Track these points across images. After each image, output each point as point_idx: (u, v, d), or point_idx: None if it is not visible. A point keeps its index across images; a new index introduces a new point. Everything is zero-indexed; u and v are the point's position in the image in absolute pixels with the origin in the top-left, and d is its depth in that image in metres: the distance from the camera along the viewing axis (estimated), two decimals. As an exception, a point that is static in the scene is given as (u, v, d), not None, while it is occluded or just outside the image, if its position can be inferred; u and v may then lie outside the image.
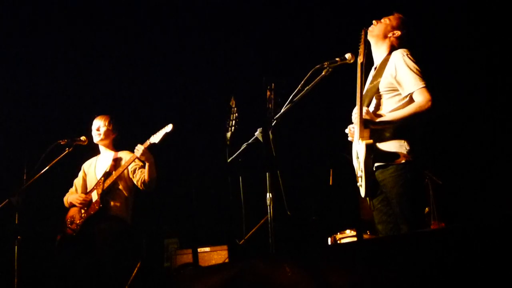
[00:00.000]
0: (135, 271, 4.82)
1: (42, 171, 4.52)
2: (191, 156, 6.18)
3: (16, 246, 4.31)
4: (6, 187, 4.75)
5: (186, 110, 6.30)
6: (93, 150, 4.74)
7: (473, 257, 1.93)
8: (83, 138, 4.61)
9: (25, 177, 4.52)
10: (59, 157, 4.59)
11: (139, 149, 4.29)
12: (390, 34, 3.33)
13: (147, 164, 4.35)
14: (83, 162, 4.78)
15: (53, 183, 4.97)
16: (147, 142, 4.32)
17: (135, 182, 4.46)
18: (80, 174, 4.72)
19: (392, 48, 3.33)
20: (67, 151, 4.60)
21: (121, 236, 4.35)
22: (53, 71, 6.15)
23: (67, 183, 4.78)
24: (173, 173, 5.93)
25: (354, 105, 3.23)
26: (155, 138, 4.31)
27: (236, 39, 6.13)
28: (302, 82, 3.31)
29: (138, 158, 4.36)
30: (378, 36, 3.35)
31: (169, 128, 4.26)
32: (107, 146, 4.63)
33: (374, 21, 3.39)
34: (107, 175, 4.43)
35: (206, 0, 6.13)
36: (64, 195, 4.68)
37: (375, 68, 3.36)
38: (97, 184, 4.45)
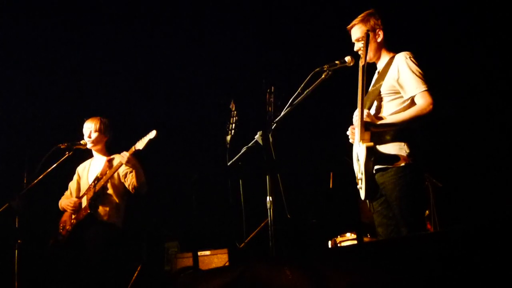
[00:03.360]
0: (135, 274, 4.82)
1: (42, 175, 4.51)
2: (191, 160, 6.18)
3: (16, 250, 4.30)
4: (7, 191, 4.75)
5: (185, 113, 6.30)
6: (91, 153, 4.73)
7: (474, 259, 1.93)
8: (83, 142, 4.59)
9: (25, 181, 4.51)
10: (59, 161, 4.58)
11: (124, 155, 4.29)
12: (379, 40, 3.32)
13: (133, 170, 4.35)
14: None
15: (53, 187, 4.97)
16: (132, 149, 4.32)
17: (127, 186, 4.44)
18: (75, 177, 4.70)
19: (390, 48, 3.33)
20: (67, 155, 4.59)
21: (110, 241, 4.31)
22: (53, 74, 6.16)
23: (67, 187, 4.77)
24: (173, 177, 5.93)
25: (354, 108, 3.23)
26: (140, 144, 4.30)
27: (236, 42, 6.14)
28: (302, 85, 3.32)
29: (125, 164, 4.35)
30: (374, 55, 3.36)
31: (152, 134, 4.25)
32: (100, 150, 4.61)
33: (356, 46, 3.36)
34: (97, 180, 4.43)
35: (205, 2, 6.14)
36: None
37: (378, 72, 3.36)
38: (88, 189, 4.45)
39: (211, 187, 5.55)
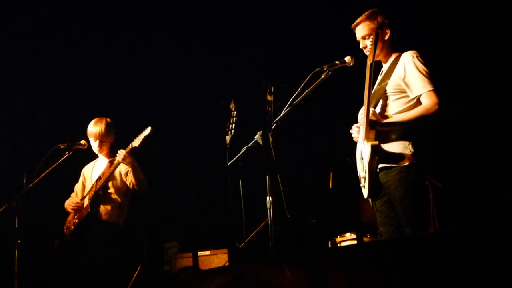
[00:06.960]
0: (135, 274, 4.82)
1: (42, 175, 4.51)
2: (191, 160, 6.18)
3: (16, 250, 4.30)
4: (6, 191, 4.74)
5: (185, 113, 6.30)
6: (93, 154, 4.73)
7: (475, 259, 1.93)
8: (83, 142, 4.60)
9: (25, 181, 4.51)
10: (59, 161, 4.59)
11: (121, 153, 4.31)
12: (386, 38, 3.30)
13: (130, 168, 4.36)
14: (83, 166, 4.78)
15: (53, 187, 4.97)
16: (129, 146, 4.34)
17: (128, 185, 4.46)
18: (80, 179, 4.72)
19: (396, 47, 3.32)
20: (67, 155, 4.60)
21: (112, 240, 4.32)
22: (53, 74, 6.16)
23: (67, 187, 4.77)
24: (173, 177, 5.93)
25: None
26: (136, 141, 4.33)
27: (236, 42, 6.14)
28: (302, 85, 3.32)
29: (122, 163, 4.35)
30: (380, 53, 3.32)
31: (147, 131, 4.29)
32: (105, 151, 4.62)
33: (362, 44, 3.34)
34: (99, 179, 4.45)
35: (206, 2, 6.14)
36: (64, 198, 4.67)
37: (384, 71, 3.35)
38: (90, 189, 4.47)
39: (211, 187, 5.55)
